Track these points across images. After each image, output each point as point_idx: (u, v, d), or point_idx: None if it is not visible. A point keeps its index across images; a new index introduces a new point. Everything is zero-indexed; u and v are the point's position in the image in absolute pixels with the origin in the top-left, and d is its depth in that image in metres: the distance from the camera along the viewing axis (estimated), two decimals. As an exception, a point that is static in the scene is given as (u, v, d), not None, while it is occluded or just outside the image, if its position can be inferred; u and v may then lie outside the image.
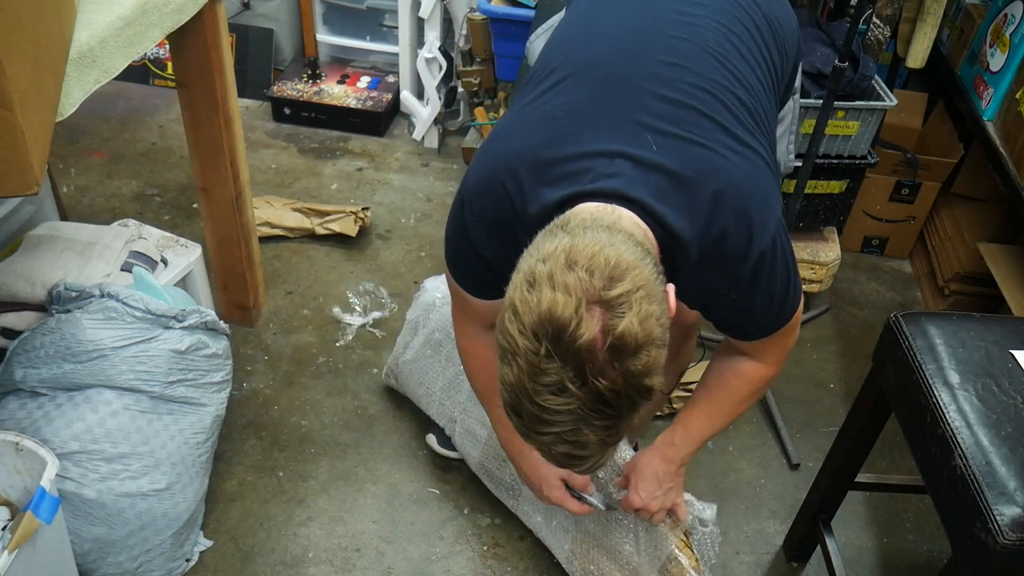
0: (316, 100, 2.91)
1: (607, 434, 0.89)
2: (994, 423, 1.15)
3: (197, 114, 1.77)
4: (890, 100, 2.09)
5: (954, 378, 1.21)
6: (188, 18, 1.53)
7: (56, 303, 1.52)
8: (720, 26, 1.15)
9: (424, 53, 2.73)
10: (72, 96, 1.21)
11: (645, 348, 0.85)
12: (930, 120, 2.62)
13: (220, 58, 1.69)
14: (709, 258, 1.03)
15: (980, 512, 1.06)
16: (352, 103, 2.91)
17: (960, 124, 2.45)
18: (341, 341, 2.14)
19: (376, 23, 3.00)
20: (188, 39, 1.63)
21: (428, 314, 1.79)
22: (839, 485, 1.56)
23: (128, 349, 1.46)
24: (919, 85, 2.67)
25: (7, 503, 1.35)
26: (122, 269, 1.68)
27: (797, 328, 1.21)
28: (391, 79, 3.01)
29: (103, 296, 1.49)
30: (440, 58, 2.73)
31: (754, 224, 1.03)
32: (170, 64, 2.97)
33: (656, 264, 0.92)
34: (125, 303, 1.48)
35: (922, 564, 1.77)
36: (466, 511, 1.78)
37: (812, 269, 2.25)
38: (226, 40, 1.71)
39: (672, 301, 0.93)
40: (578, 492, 1.43)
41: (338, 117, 2.92)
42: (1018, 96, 2.03)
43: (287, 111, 2.94)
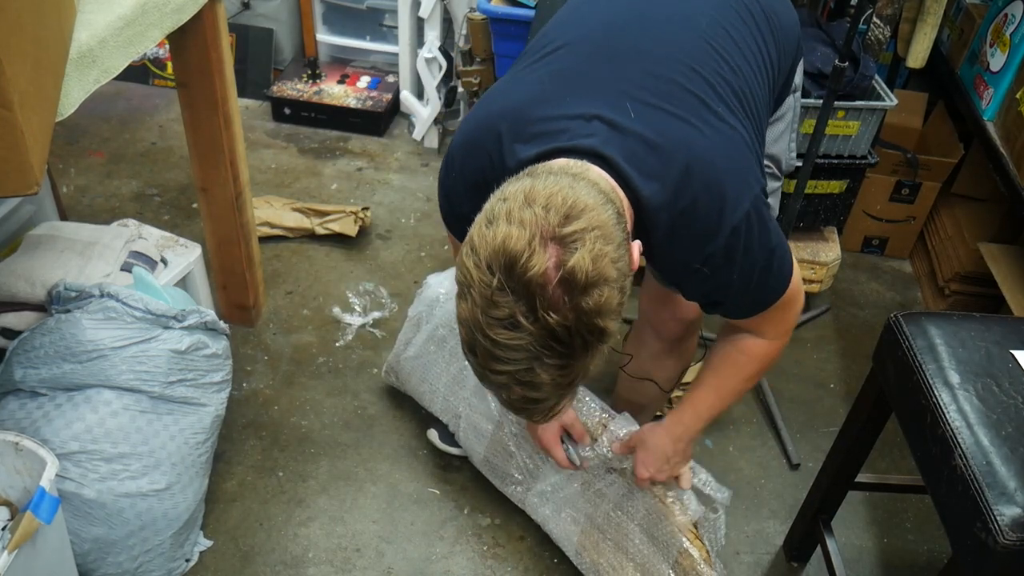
0: (316, 100, 2.91)
1: (560, 374, 0.90)
2: (994, 423, 1.15)
3: (197, 114, 1.77)
4: (890, 100, 2.09)
5: (954, 378, 1.21)
6: (188, 18, 1.53)
7: (56, 303, 1.52)
8: (715, 13, 1.18)
9: (424, 53, 2.73)
10: (72, 96, 1.21)
11: (597, 286, 0.85)
12: (930, 120, 2.62)
13: (220, 58, 1.69)
14: (679, 230, 1.04)
15: (980, 512, 1.06)
16: (352, 103, 2.91)
17: (960, 124, 2.45)
18: (341, 341, 2.14)
19: (376, 23, 3.01)
20: (188, 39, 1.63)
21: (432, 310, 1.79)
22: (839, 485, 1.56)
23: (128, 349, 1.46)
24: (919, 85, 2.67)
25: (7, 503, 1.35)
26: (122, 269, 1.68)
27: (796, 302, 1.21)
28: (391, 79, 3.01)
29: (103, 296, 1.49)
30: (440, 58, 2.73)
31: (726, 199, 1.04)
32: (170, 64, 2.97)
33: (619, 214, 0.92)
34: (125, 303, 1.48)
35: (922, 564, 1.77)
36: (466, 511, 1.78)
37: (812, 269, 2.25)
38: (226, 40, 1.71)
39: (635, 255, 0.94)
40: (568, 444, 1.47)
41: (338, 117, 2.92)
42: (1018, 96, 2.03)
43: (287, 111, 2.94)
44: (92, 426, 1.44)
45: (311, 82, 2.98)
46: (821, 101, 1.82)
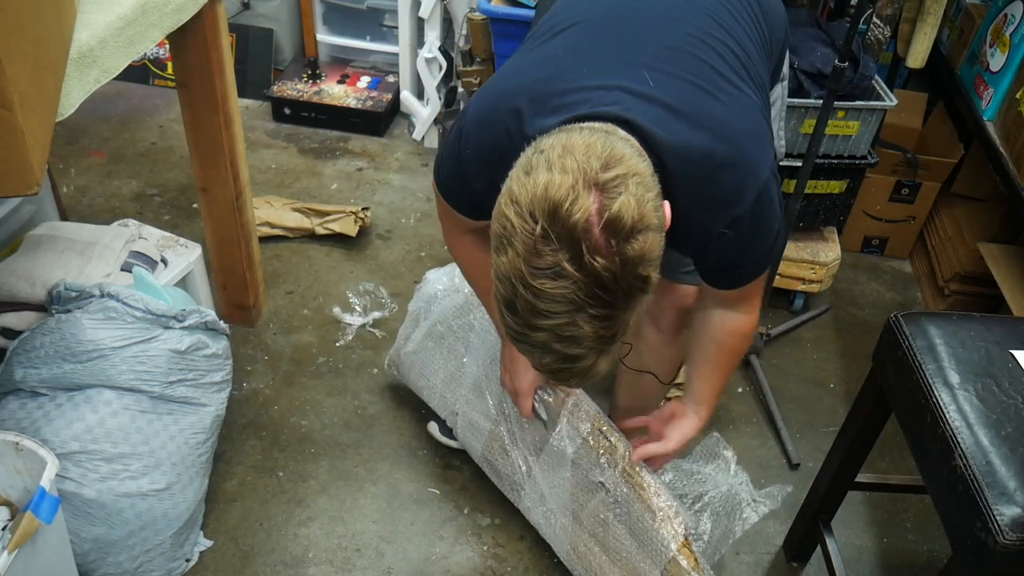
0: (316, 100, 2.91)
1: (603, 326, 0.88)
2: (994, 423, 1.15)
3: (197, 114, 1.77)
4: (890, 100, 2.09)
5: (954, 378, 1.21)
6: (188, 18, 1.53)
7: (56, 303, 1.52)
8: None
9: (424, 53, 2.73)
10: (72, 96, 1.21)
11: (641, 231, 0.85)
12: (930, 120, 2.62)
13: (220, 58, 1.69)
14: (706, 192, 1.04)
15: (980, 512, 1.06)
16: (352, 103, 2.91)
17: (960, 124, 2.45)
18: (341, 341, 2.14)
19: (376, 23, 3.01)
20: (188, 39, 1.63)
21: (430, 306, 1.79)
22: (839, 485, 1.57)
23: (128, 349, 1.46)
24: (919, 85, 2.67)
25: (7, 503, 1.35)
26: (122, 269, 1.68)
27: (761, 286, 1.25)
28: (391, 79, 3.01)
29: (103, 296, 1.49)
30: (440, 58, 2.73)
31: (751, 162, 1.04)
32: (170, 64, 2.97)
33: (654, 174, 0.92)
34: (125, 303, 1.48)
35: (922, 564, 1.77)
36: (466, 511, 1.78)
37: (812, 269, 2.25)
38: (226, 40, 1.71)
39: (668, 214, 0.94)
40: (540, 400, 1.49)
41: (338, 117, 2.92)
42: (1018, 96, 2.03)
43: (287, 111, 2.94)
44: (92, 426, 1.44)
45: (311, 82, 2.98)
46: (821, 101, 1.82)
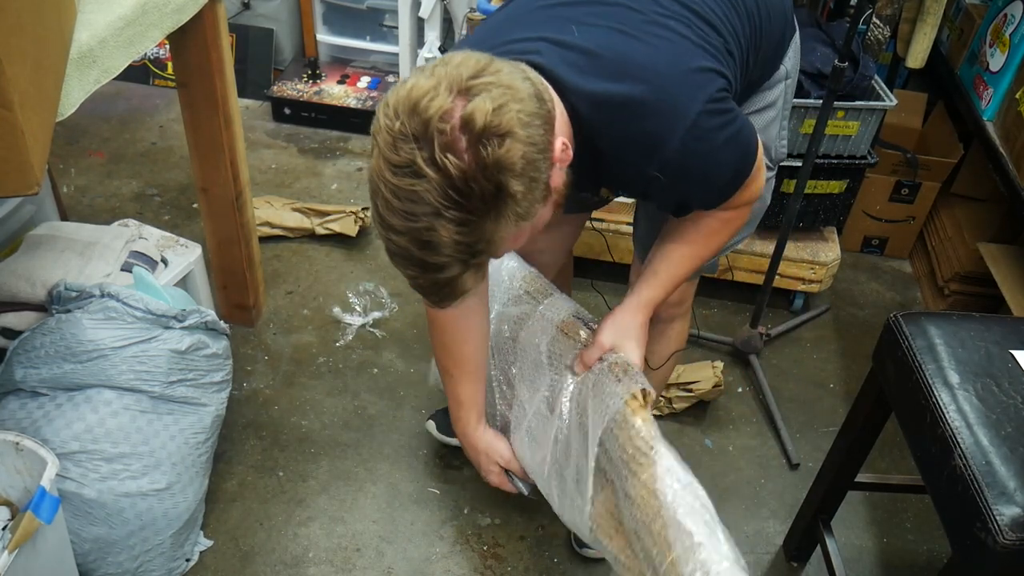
0: (316, 100, 2.91)
1: (459, 232, 0.89)
2: (994, 423, 1.15)
3: (197, 114, 1.77)
4: (890, 100, 2.09)
5: (954, 378, 1.21)
6: (188, 18, 1.53)
7: (56, 303, 1.52)
8: None
9: (424, 53, 2.73)
10: (72, 96, 1.21)
11: (498, 135, 0.86)
12: (930, 120, 2.62)
13: (220, 58, 1.69)
14: (628, 134, 1.04)
15: (980, 512, 1.06)
16: (352, 103, 2.91)
17: (960, 124, 2.45)
18: (341, 341, 2.14)
19: (376, 23, 3.01)
20: (188, 39, 1.63)
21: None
22: (839, 485, 1.57)
23: (128, 349, 1.47)
24: (919, 85, 2.67)
25: (7, 503, 1.35)
26: (122, 269, 1.68)
27: (759, 177, 1.19)
28: (391, 79, 3.02)
29: (103, 296, 1.49)
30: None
31: (673, 101, 1.03)
32: (170, 64, 2.97)
33: (540, 99, 0.93)
34: (125, 303, 1.49)
35: (922, 564, 1.77)
36: (466, 511, 1.78)
37: (812, 269, 2.25)
38: (226, 40, 1.71)
39: (557, 148, 0.94)
40: (512, 476, 1.48)
41: (338, 117, 2.92)
42: (1018, 96, 2.03)
43: (287, 111, 2.94)
44: (92, 426, 1.44)
45: (311, 82, 2.98)
46: (821, 101, 1.82)
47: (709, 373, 2.00)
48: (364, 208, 2.46)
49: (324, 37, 3.07)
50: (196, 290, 1.91)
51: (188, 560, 1.62)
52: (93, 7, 1.31)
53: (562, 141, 0.96)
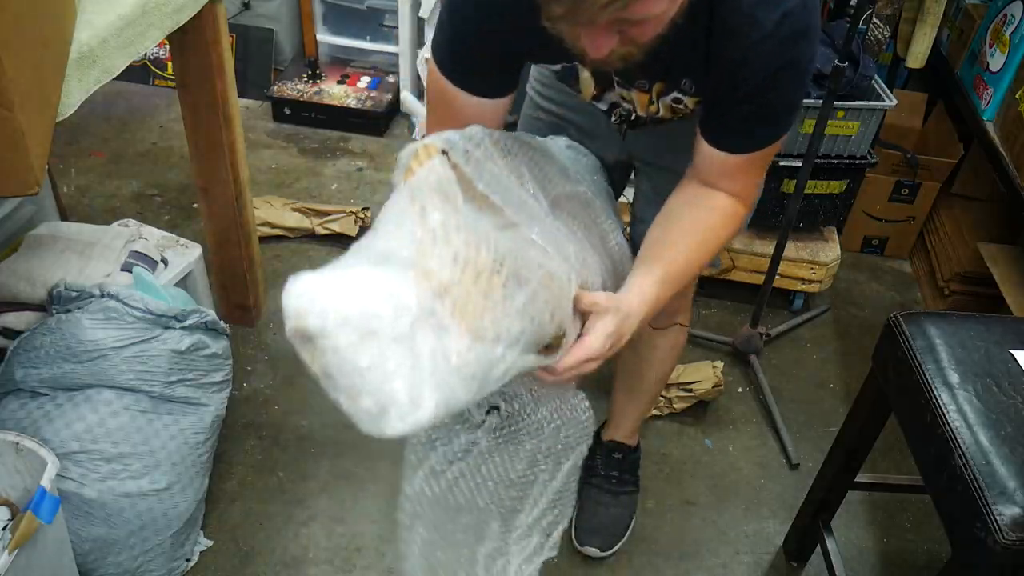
0: (316, 100, 2.91)
1: None
2: (994, 423, 1.15)
3: (197, 114, 1.77)
4: (890, 100, 2.09)
5: (954, 378, 1.21)
6: (188, 18, 1.53)
7: (56, 303, 1.52)
8: None
9: (424, 53, 2.73)
10: (72, 96, 1.21)
11: None
12: (930, 120, 2.62)
13: (220, 58, 1.69)
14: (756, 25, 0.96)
15: (980, 512, 1.06)
16: (352, 103, 2.91)
17: (960, 124, 2.45)
18: (341, 341, 2.14)
19: (376, 23, 3.00)
20: (188, 39, 1.63)
21: None
22: (839, 485, 1.57)
23: (128, 349, 1.46)
24: (919, 85, 2.67)
25: (7, 503, 1.35)
26: (122, 269, 1.68)
27: (769, 161, 1.14)
28: (391, 79, 3.01)
29: (103, 296, 1.49)
30: (440, 58, 2.73)
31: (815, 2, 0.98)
32: (170, 64, 2.97)
33: None
34: (125, 303, 1.49)
35: (922, 564, 1.77)
36: (466, 511, 1.78)
37: (812, 269, 2.25)
38: (226, 40, 1.71)
39: None
40: None
41: (338, 117, 2.92)
42: (1018, 96, 2.04)
43: (287, 111, 2.94)
44: (92, 426, 1.44)
45: (311, 82, 2.98)
46: (821, 101, 1.82)
47: (709, 373, 2.00)
48: (364, 208, 2.46)
49: (324, 37, 3.07)
50: (196, 290, 1.91)
51: (188, 560, 1.62)
52: (93, 7, 1.31)
53: None
